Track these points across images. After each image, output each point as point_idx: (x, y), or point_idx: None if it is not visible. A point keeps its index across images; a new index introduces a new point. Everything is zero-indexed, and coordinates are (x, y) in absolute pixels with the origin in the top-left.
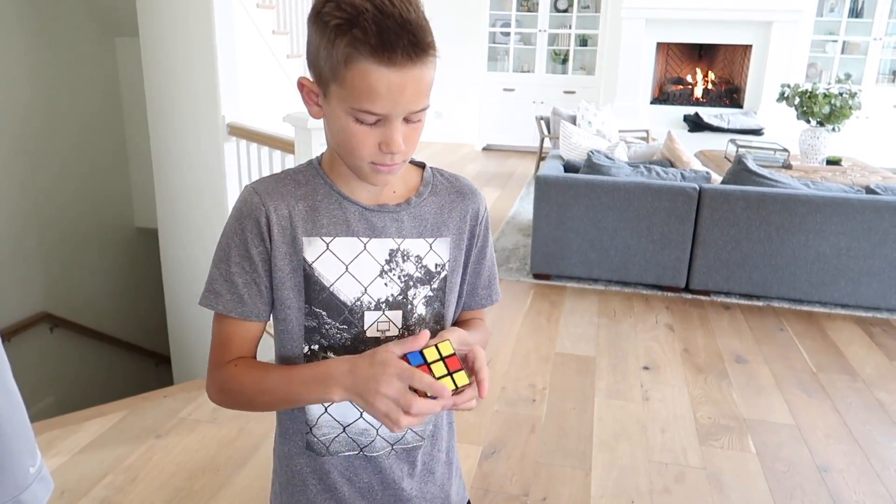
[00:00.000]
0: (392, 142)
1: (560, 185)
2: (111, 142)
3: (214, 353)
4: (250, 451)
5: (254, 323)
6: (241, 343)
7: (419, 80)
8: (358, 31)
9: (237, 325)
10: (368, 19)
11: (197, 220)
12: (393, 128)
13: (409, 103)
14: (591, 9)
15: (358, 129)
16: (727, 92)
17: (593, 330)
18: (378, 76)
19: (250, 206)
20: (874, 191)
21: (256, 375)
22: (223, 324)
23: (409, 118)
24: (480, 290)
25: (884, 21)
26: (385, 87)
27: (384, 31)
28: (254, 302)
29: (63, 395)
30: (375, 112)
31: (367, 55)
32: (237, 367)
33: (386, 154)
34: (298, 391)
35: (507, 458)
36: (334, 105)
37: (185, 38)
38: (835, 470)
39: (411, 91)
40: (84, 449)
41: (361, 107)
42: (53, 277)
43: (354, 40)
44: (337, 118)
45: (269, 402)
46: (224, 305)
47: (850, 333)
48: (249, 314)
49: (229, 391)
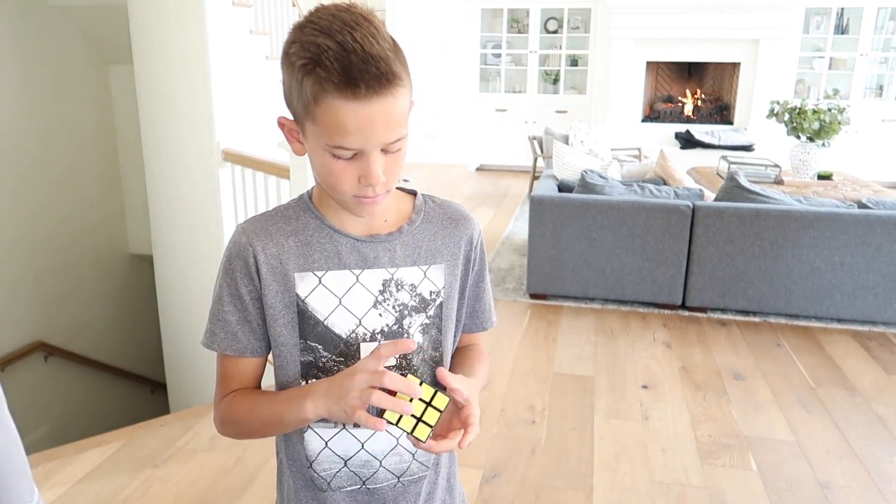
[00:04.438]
0: (370, 174)
1: (554, 204)
2: (105, 168)
3: (217, 388)
4: (248, 480)
5: (251, 359)
6: (241, 378)
7: (390, 112)
8: (321, 70)
9: (234, 362)
10: (331, 57)
11: (192, 246)
12: (370, 160)
13: (382, 135)
14: (580, 29)
15: (336, 165)
16: (717, 109)
17: (591, 349)
18: (346, 112)
19: (238, 247)
20: (866, 205)
21: (250, 402)
22: (222, 361)
23: (387, 149)
24: (482, 312)
25: (869, 37)
26: (354, 122)
27: (346, 67)
28: (248, 339)
29: (58, 424)
30: (349, 147)
31: (333, 92)
32: (234, 398)
33: (366, 187)
34: (281, 410)
35: (509, 481)
36: (312, 142)
37: (179, 64)
38: (836, 486)
39: (382, 123)
40: (81, 480)
41: (335, 143)
42: (47, 305)
43: (319, 79)
44: (316, 155)
45: (262, 426)
46: (219, 344)
47: (846, 348)
48: (245, 351)
49: (230, 421)
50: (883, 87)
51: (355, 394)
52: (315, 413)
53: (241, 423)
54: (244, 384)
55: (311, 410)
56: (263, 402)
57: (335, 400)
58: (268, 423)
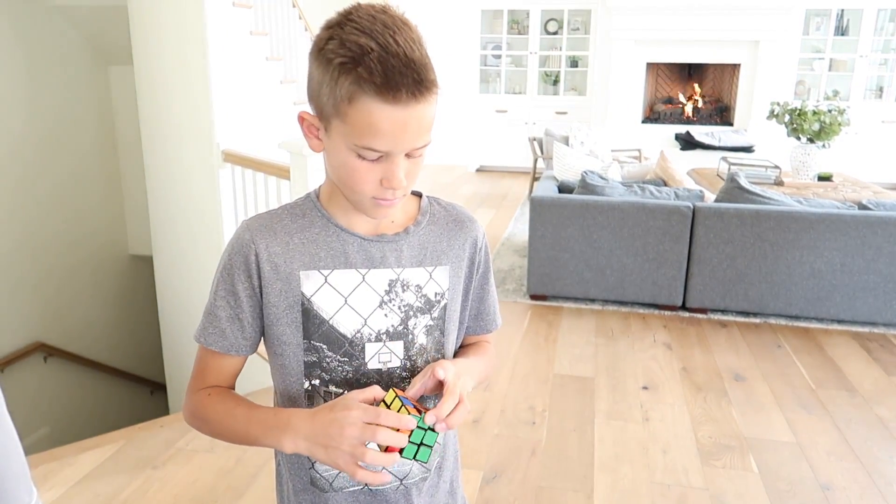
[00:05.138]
0: (394, 178)
1: (555, 206)
2: (105, 169)
3: (193, 378)
4: (248, 480)
5: (232, 357)
6: (218, 374)
7: (422, 118)
8: (363, 70)
9: (215, 357)
10: (374, 59)
11: (192, 247)
12: (395, 164)
13: (412, 140)
14: (580, 31)
15: (360, 165)
16: (717, 110)
17: (591, 350)
18: (382, 114)
19: (240, 244)
20: (867, 206)
21: (224, 408)
22: (203, 354)
23: (411, 154)
24: (487, 314)
25: (869, 38)
26: (388, 125)
27: (389, 70)
28: (234, 336)
29: (58, 425)
30: (378, 149)
31: (372, 94)
32: (210, 395)
33: (387, 189)
34: (255, 433)
35: (509, 482)
36: (336, 140)
37: (180, 65)
38: (837, 488)
39: (414, 128)
40: (80, 481)
41: (364, 144)
42: (47, 306)
43: (359, 79)
44: (338, 153)
45: (231, 437)
46: (206, 339)
47: (847, 349)
48: (229, 348)
49: (200, 418)
50: (883, 89)
51: (346, 449)
52: (294, 450)
53: (210, 424)
54: (220, 381)
55: (289, 447)
56: (238, 414)
57: (321, 447)
58: (239, 437)
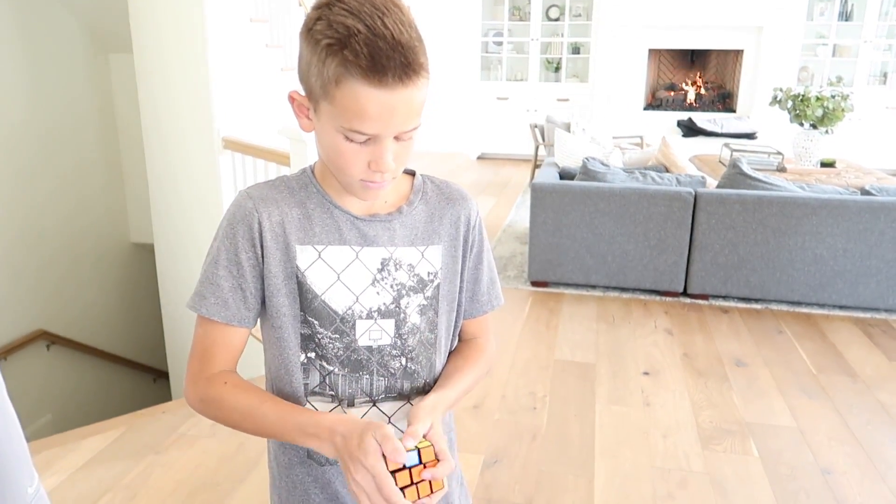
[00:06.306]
0: (381, 161)
1: (556, 192)
2: (106, 157)
3: (196, 359)
4: (250, 465)
5: (237, 329)
6: (224, 350)
7: (410, 101)
8: (349, 53)
9: (220, 330)
10: (360, 41)
11: (193, 234)
12: (383, 147)
13: (400, 124)
14: (582, 17)
15: (348, 147)
16: (720, 97)
17: (592, 336)
18: (368, 97)
19: (243, 212)
20: (869, 192)
21: (248, 402)
22: (206, 328)
23: (400, 137)
24: (481, 295)
25: (873, 23)
26: (376, 108)
27: (375, 52)
28: (238, 307)
29: (60, 413)
30: (365, 132)
31: (358, 77)
32: (226, 385)
33: (375, 172)
34: (291, 436)
35: (510, 467)
36: (325, 122)
37: (179, 52)
38: (838, 472)
39: (402, 112)
40: (82, 467)
41: (352, 126)
42: (49, 294)
43: (345, 61)
44: (327, 135)
45: (255, 431)
46: (207, 309)
47: (848, 334)
48: (232, 319)
49: (215, 406)
50: (887, 75)
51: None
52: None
53: (226, 413)
54: (227, 358)
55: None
56: (268, 412)
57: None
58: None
